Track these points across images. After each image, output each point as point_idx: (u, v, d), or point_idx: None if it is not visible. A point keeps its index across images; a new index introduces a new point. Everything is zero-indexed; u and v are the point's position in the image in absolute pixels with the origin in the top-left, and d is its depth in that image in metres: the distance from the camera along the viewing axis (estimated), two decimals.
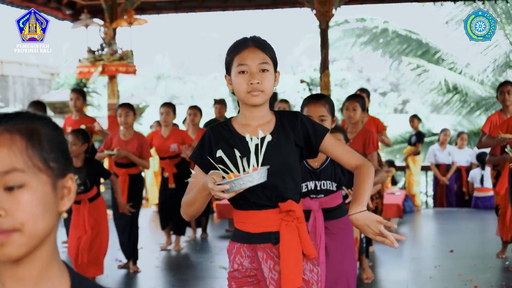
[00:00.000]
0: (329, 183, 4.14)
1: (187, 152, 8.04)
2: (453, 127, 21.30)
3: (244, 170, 2.62)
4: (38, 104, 8.07)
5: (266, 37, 2.98)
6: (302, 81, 12.77)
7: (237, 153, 2.63)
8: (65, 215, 1.47)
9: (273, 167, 2.65)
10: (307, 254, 2.81)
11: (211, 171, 2.64)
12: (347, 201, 5.07)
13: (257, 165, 2.61)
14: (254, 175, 2.54)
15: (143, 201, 12.84)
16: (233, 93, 2.89)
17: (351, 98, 6.85)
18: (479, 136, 7.91)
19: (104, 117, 14.41)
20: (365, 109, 7.06)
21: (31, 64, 20.87)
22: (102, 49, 12.04)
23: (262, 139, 2.63)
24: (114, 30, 12.09)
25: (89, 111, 20.74)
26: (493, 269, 7.34)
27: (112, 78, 12.35)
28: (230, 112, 23.60)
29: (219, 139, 2.84)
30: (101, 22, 12.23)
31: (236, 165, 2.64)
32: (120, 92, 13.20)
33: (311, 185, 4.11)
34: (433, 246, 9.04)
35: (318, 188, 4.12)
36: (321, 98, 4.20)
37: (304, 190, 4.09)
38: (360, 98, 6.90)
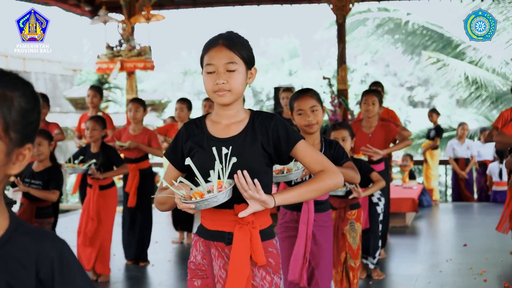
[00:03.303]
0: None
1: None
2: (477, 122, 21.12)
3: (221, 176, 2.64)
4: (43, 97, 8.13)
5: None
6: (324, 78, 12.75)
7: (213, 172, 2.63)
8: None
9: (234, 169, 2.62)
10: (255, 260, 2.77)
11: (179, 180, 2.67)
12: (350, 197, 5.11)
13: (223, 177, 2.62)
14: (219, 196, 2.57)
15: None
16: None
17: (369, 92, 6.92)
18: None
19: (124, 112, 14.54)
20: (382, 103, 7.14)
21: (53, 61, 21.07)
22: (121, 45, 12.13)
23: (226, 155, 2.63)
24: (132, 26, 12.17)
25: (111, 107, 20.92)
26: (504, 263, 7.30)
27: (130, 74, 12.44)
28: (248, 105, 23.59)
29: (189, 136, 2.86)
30: (119, 18, 12.32)
31: (202, 166, 2.70)
32: (146, 87, 13.32)
33: (306, 176, 4.16)
34: (447, 241, 8.99)
35: None
36: (308, 91, 4.30)
37: (298, 180, 4.16)
38: (377, 92, 6.96)
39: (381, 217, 6.65)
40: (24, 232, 1.51)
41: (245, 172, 2.58)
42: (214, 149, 2.64)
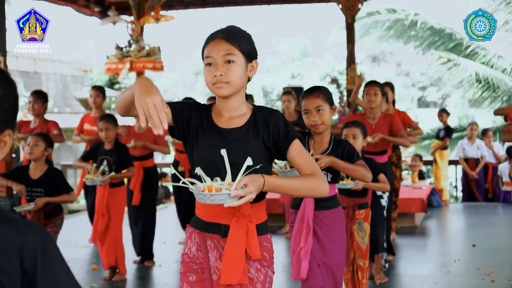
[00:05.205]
0: (325, 173, 4.15)
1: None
2: (489, 122, 21.03)
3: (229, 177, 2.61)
4: (40, 93, 8.11)
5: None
6: (332, 80, 12.73)
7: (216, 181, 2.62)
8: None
9: (236, 162, 2.62)
10: (250, 254, 2.76)
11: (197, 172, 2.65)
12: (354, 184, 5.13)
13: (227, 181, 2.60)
14: (224, 196, 2.53)
15: (171, 197, 12.94)
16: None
17: (371, 83, 6.97)
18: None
19: None
20: (384, 94, 7.17)
21: (63, 61, 21.12)
22: (130, 45, 12.15)
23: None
24: (142, 26, 12.20)
25: None
26: None
27: (139, 74, 12.46)
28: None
29: (197, 117, 2.84)
30: (129, 18, 12.35)
31: (203, 155, 2.73)
32: (158, 87, 13.32)
33: None
34: (456, 241, 8.96)
35: None
36: (315, 90, 4.27)
37: None
38: (379, 83, 6.99)
39: (385, 210, 6.59)
40: (9, 223, 1.51)
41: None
42: (224, 151, 2.62)
